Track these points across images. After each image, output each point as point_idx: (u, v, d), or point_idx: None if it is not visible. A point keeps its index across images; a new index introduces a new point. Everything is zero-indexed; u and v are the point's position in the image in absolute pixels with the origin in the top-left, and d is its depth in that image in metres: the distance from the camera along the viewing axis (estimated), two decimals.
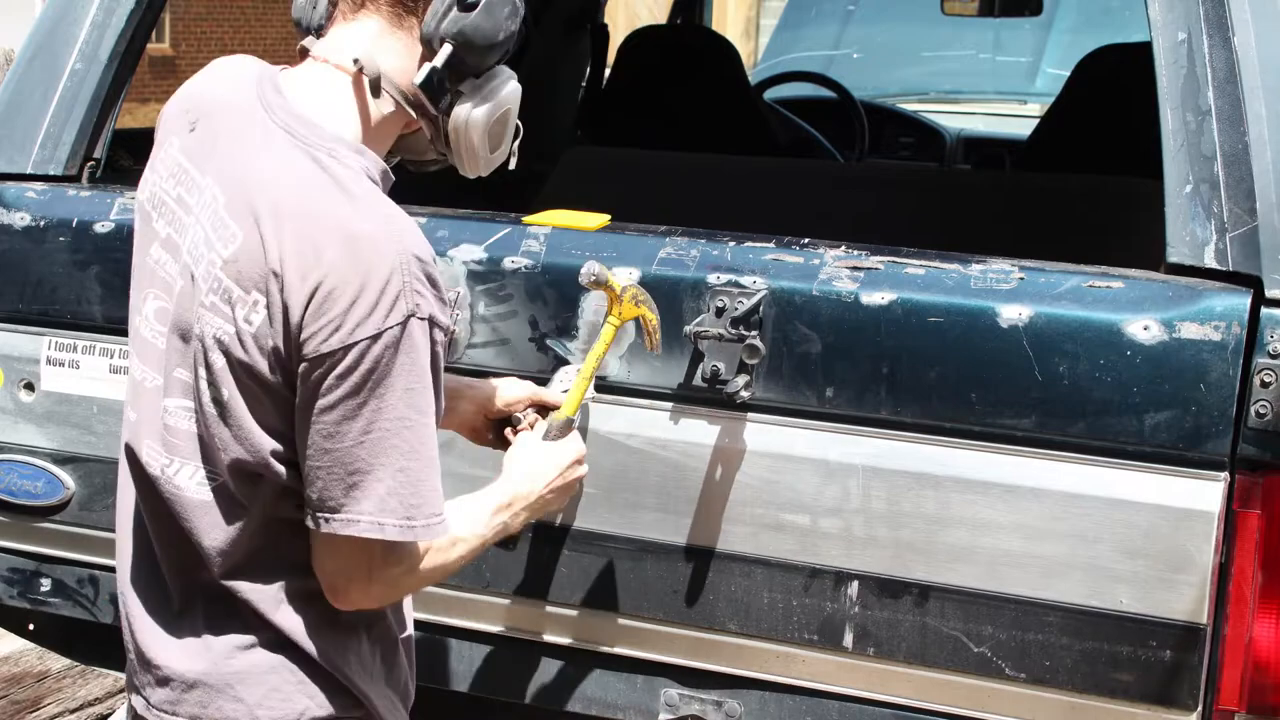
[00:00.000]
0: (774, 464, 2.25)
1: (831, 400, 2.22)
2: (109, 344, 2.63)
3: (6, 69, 2.94)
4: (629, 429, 2.32)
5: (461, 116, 1.92)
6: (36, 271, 2.65)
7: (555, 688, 2.43)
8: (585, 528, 2.36)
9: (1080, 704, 2.16)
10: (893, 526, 2.20)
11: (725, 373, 2.23)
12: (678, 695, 2.36)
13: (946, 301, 2.17)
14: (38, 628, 2.87)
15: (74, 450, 2.67)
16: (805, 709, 2.30)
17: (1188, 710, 2.11)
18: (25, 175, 2.69)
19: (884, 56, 6.55)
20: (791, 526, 2.25)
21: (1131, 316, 2.09)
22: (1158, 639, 2.11)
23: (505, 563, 2.43)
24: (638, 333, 2.26)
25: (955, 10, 5.24)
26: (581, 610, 2.39)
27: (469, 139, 1.94)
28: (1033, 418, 2.13)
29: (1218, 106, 2.14)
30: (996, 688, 2.19)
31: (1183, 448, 2.08)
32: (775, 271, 2.25)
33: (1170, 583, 2.09)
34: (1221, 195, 2.11)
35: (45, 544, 2.72)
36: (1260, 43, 2.15)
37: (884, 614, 2.22)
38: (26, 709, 4.18)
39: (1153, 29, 2.21)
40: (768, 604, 2.28)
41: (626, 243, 2.35)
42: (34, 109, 2.71)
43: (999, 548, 2.16)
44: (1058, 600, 2.14)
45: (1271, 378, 2.03)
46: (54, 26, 2.75)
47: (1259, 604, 2.07)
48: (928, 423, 2.19)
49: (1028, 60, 6.43)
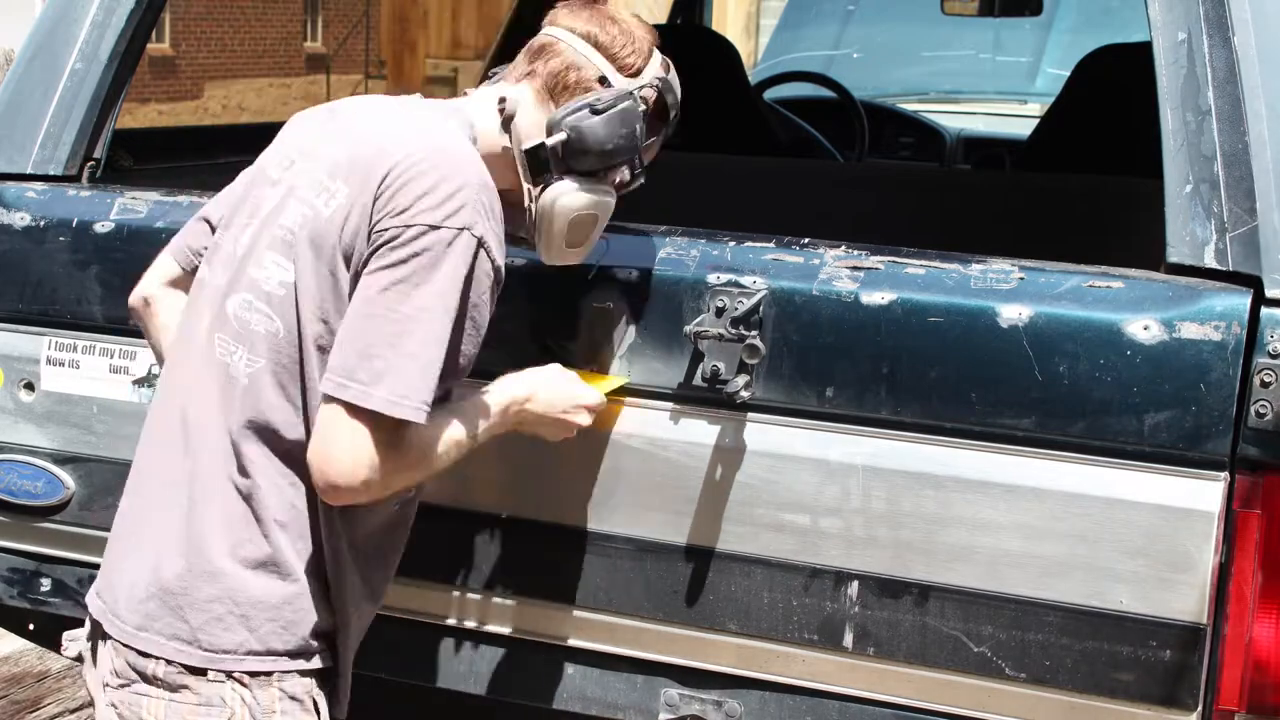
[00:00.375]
0: (774, 464, 2.25)
1: (831, 400, 2.22)
2: (109, 344, 2.63)
3: (6, 69, 2.94)
4: (629, 429, 2.32)
5: (550, 197, 2.16)
6: (36, 271, 2.65)
7: (555, 688, 2.43)
8: (585, 528, 2.36)
9: (1080, 704, 2.16)
10: (893, 526, 2.20)
11: (725, 373, 2.23)
12: (678, 695, 2.36)
13: (946, 301, 2.17)
14: (38, 628, 2.87)
15: (74, 450, 2.67)
16: (805, 709, 2.30)
17: (1188, 710, 2.11)
18: (25, 175, 2.70)
19: (884, 56, 6.55)
20: (791, 526, 2.25)
21: (1131, 316, 2.09)
22: (1158, 639, 2.11)
23: (505, 563, 2.43)
24: None
25: (955, 10, 5.24)
26: (582, 610, 2.39)
27: (549, 222, 2.17)
28: (1033, 418, 2.13)
29: (1218, 106, 2.14)
30: (996, 688, 2.19)
31: (1183, 448, 2.08)
32: (775, 271, 2.25)
33: (1170, 583, 2.09)
34: (1221, 195, 2.11)
35: (45, 544, 2.72)
36: (1260, 43, 2.15)
37: (884, 614, 2.22)
38: (26, 709, 4.18)
39: (1153, 29, 2.21)
40: (768, 604, 2.28)
41: (626, 243, 2.35)
42: (34, 109, 2.71)
43: (999, 548, 2.16)
44: (1058, 600, 2.14)
45: (1271, 378, 2.03)
46: (54, 26, 2.75)
47: (1259, 604, 2.07)
48: (928, 423, 2.18)
49: (1028, 60, 6.42)
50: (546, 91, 2.16)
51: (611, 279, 2.32)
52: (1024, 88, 6.31)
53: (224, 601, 2.04)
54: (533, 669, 2.45)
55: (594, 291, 2.32)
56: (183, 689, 2.04)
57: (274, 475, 2.05)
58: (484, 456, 2.27)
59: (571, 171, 2.15)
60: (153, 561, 2.08)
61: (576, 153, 2.14)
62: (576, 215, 2.17)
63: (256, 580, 2.04)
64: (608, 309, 2.31)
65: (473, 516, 2.43)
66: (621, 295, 2.31)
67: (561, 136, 2.13)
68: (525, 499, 2.40)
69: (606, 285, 2.32)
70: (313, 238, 2.03)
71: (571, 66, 2.16)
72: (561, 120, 2.13)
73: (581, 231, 2.19)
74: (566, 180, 2.15)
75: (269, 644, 2.05)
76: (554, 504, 2.38)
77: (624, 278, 2.30)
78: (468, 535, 2.44)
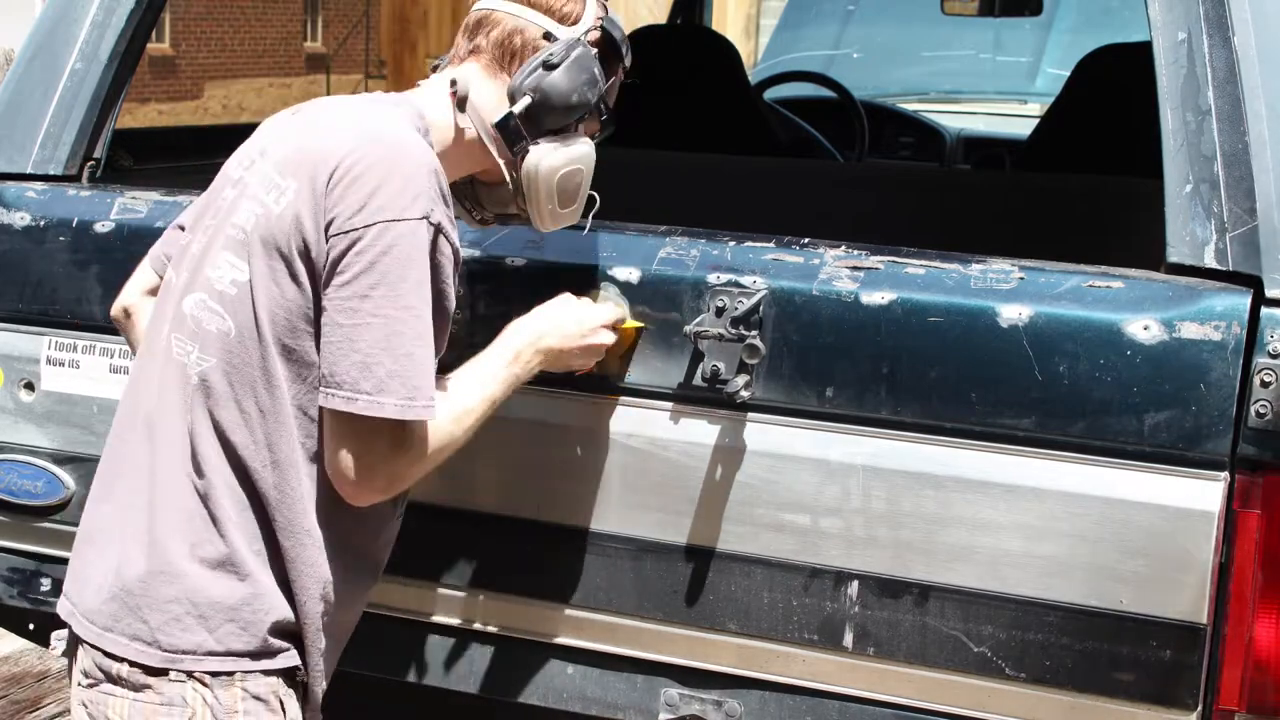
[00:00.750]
0: (774, 464, 2.25)
1: (831, 400, 2.22)
2: (109, 344, 2.63)
3: (6, 69, 2.94)
4: (629, 429, 2.32)
5: (532, 163, 2.14)
6: (36, 271, 2.65)
7: (555, 687, 2.43)
8: (585, 528, 2.36)
9: (1080, 704, 2.16)
10: (893, 526, 2.20)
11: (725, 373, 2.23)
12: (678, 695, 2.36)
13: (946, 301, 2.17)
14: (38, 628, 2.87)
15: (74, 450, 2.67)
16: (805, 709, 2.30)
17: (1188, 710, 2.11)
18: (25, 175, 2.70)
19: (884, 56, 6.55)
20: (791, 526, 2.25)
21: (1131, 316, 2.09)
22: (1158, 639, 2.11)
23: (505, 562, 2.43)
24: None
25: (955, 10, 5.24)
26: (582, 610, 2.39)
27: (537, 187, 2.15)
28: (1033, 418, 2.13)
29: (1218, 106, 2.14)
30: (996, 687, 2.19)
31: (1183, 447, 2.08)
32: (775, 271, 2.25)
33: (1170, 582, 2.09)
34: (1221, 195, 2.11)
35: (45, 544, 2.72)
36: (1260, 43, 2.15)
37: (884, 614, 2.22)
38: (26, 709, 4.18)
39: (1153, 29, 2.21)
40: (768, 604, 2.28)
41: (626, 243, 2.35)
42: (34, 109, 2.71)
43: (999, 548, 2.16)
44: (1058, 600, 2.14)
45: (1271, 378, 2.03)
46: (54, 26, 2.75)
47: (1259, 604, 2.07)
48: (928, 423, 2.18)
49: (1028, 60, 6.42)
50: (496, 64, 2.15)
51: (611, 279, 2.32)
52: (1024, 88, 6.31)
53: (182, 602, 2.03)
54: (533, 669, 2.45)
55: (593, 291, 2.31)
56: (145, 689, 2.04)
57: (226, 474, 2.04)
58: (484, 457, 2.27)
59: (545, 133, 2.14)
60: (115, 562, 2.08)
61: (545, 113, 2.13)
62: (562, 174, 2.15)
63: (214, 581, 2.04)
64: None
65: (473, 517, 2.43)
66: (621, 294, 2.31)
67: (527, 100, 2.12)
68: (525, 499, 2.40)
69: (600, 283, 2.32)
70: (264, 236, 2.02)
71: (514, 31, 2.14)
72: (522, 84, 2.12)
73: (570, 189, 2.18)
74: (543, 143, 2.14)
75: (228, 644, 2.04)
76: (554, 504, 2.38)
77: (624, 277, 2.30)
78: (468, 535, 2.44)
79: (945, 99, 6.25)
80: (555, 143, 2.15)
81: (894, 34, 6.66)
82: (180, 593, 2.03)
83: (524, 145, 2.14)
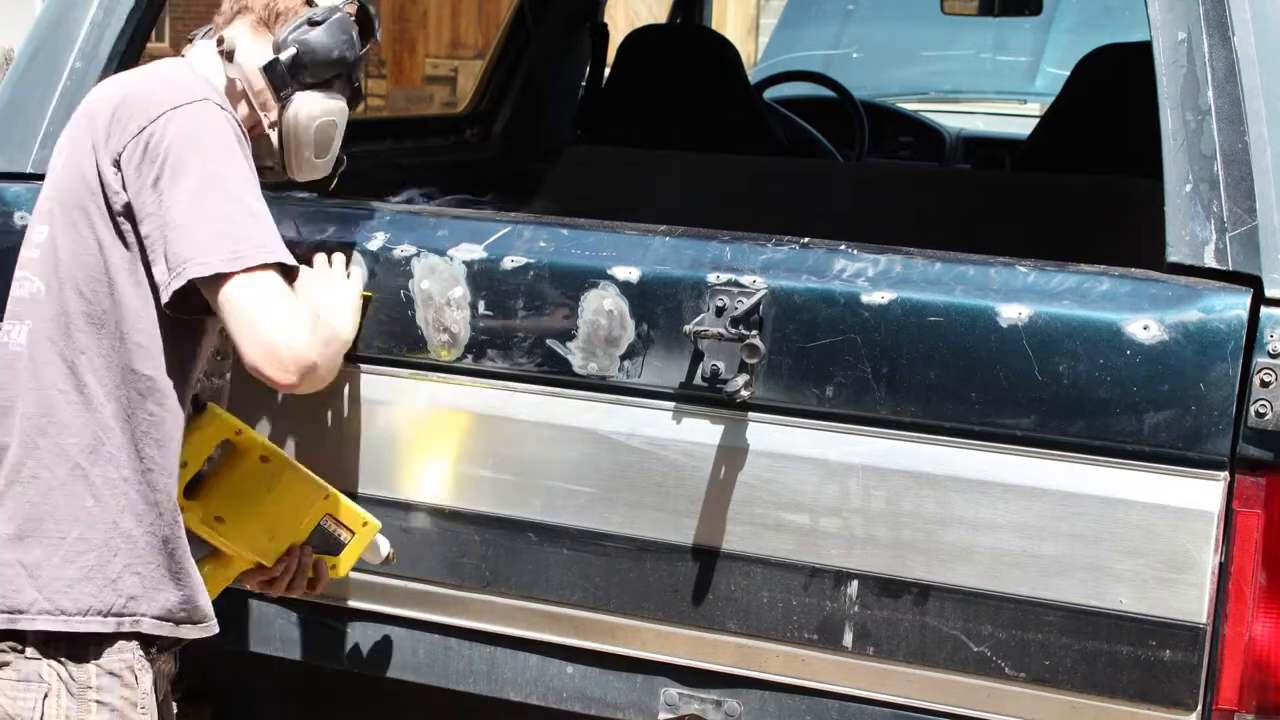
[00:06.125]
0: (774, 463, 2.25)
1: (831, 400, 2.22)
2: None
3: (6, 68, 2.94)
4: (629, 429, 2.32)
5: (293, 110, 2.32)
6: None
7: (555, 687, 2.43)
8: (585, 527, 2.36)
9: (1080, 704, 2.16)
10: (893, 526, 2.20)
11: (725, 372, 2.23)
12: (678, 695, 2.36)
13: (946, 301, 2.17)
14: None
15: None
16: (805, 709, 2.30)
17: (1188, 710, 2.11)
18: (26, 175, 2.69)
19: (884, 56, 6.55)
20: (791, 526, 2.25)
21: (1131, 316, 2.09)
22: (1157, 639, 2.11)
23: (505, 562, 2.43)
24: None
25: (955, 10, 5.23)
26: (582, 610, 2.39)
27: (297, 133, 2.33)
28: (1033, 417, 2.13)
29: (1218, 106, 2.14)
30: (996, 687, 2.19)
31: (1182, 447, 2.08)
32: (775, 271, 2.25)
33: (1170, 582, 2.09)
34: (1221, 195, 2.11)
35: None
36: (1260, 43, 2.15)
37: (884, 613, 2.22)
38: None
39: (1153, 29, 2.21)
40: (767, 603, 2.28)
41: (626, 243, 2.35)
42: (34, 108, 2.70)
43: (999, 547, 2.16)
44: (1058, 600, 2.14)
45: (1271, 377, 2.03)
46: (54, 26, 2.74)
47: (1259, 604, 2.07)
48: (928, 422, 2.18)
49: (1028, 60, 6.42)
50: (262, 23, 2.33)
51: (610, 278, 2.32)
52: (1024, 87, 6.31)
53: (13, 565, 2.15)
54: (532, 668, 2.45)
55: (590, 293, 2.31)
56: (4, 665, 2.15)
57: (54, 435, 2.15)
58: (483, 457, 2.27)
59: (307, 86, 2.32)
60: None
61: (308, 64, 2.32)
62: (320, 122, 2.34)
63: (39, 543, 2.14)
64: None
65: (473, 517, 2.43)
66: (620, 294, 2.31)
67: (292, 51, 2.31)
68: (525, 499, 2.40)
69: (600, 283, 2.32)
70: (57, 194, 2.20)
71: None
72: (287, 38, 2.31)
73: (325, 141, 2.36)
74: (307, 92, 2.33)
75: (58, 603, 2.12)
76: (554, 504, 2.38)
77: (624, 277, 2.30)
78: (468, 536, 2.44)
79: (945, 99, 6.25)
80: (317, 93, 2.33)
81: (894, 34, 6.66)
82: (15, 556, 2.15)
83: (289, 92, 2.31)
